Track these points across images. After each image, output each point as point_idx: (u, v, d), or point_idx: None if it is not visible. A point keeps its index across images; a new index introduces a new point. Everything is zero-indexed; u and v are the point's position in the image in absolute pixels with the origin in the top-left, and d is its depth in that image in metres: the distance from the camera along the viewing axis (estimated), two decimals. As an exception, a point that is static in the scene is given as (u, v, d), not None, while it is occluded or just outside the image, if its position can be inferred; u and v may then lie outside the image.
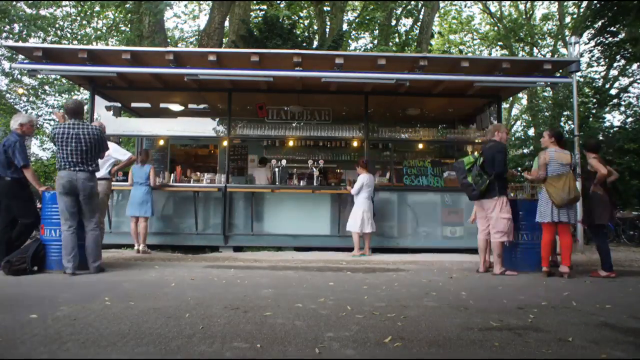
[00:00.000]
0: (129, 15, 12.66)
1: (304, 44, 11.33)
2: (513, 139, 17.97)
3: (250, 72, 6.48)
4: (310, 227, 7.11)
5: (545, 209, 4.70)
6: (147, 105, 8.61)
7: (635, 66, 15.25)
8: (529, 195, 8.39)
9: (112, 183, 5.96)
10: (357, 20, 19.32)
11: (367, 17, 17.87)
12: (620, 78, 16.59)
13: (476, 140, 7.74)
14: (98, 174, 4.77)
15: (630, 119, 13.81)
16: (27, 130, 4.80)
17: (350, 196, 6.96)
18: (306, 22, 18.05)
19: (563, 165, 4.67)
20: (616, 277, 4.69)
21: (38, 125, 19.12)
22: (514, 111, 25.61)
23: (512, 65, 6.61)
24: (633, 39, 12.23)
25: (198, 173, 7.51)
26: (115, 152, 5.37)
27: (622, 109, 14.49)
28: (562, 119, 14.95)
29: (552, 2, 21.03)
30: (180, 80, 6.81)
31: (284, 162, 7.65)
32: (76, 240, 4.32)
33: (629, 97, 15.28)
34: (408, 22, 19.92)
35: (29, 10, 15.60)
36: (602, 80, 15.71)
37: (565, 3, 19.31)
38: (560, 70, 7.67)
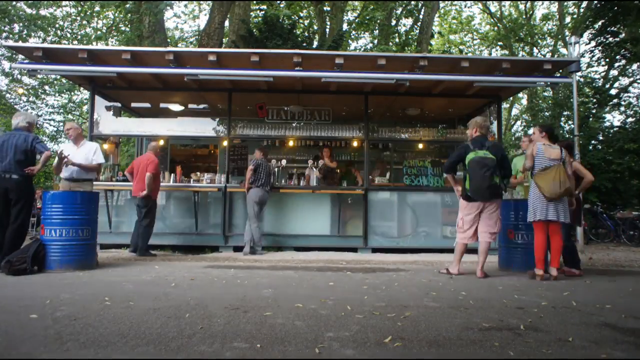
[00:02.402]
0: (129, 15, 12.66)
1: (304, 44, 11.32)
2: (513, 138, 17.98)
3: (250, 72, 6.48)
4: (310, 227, 7.12)
5: (536, 206, 4.53)
6: (147, 105, 8.61)
7: (635, 66, 15.25)
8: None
9: (113, 183, 6.08)
10: (357, 20, 19.31)
11: (367, 17, 17.87)
12: (620, 78, 16.59)
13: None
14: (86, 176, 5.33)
15: (630, 119, 13.82)
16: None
17: (348, 196, 6.98)
18: (306, 22, 18.05)
19: (552, 160, 4.51)
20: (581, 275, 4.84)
21: (38, 126, 19.12)
22: (514, 111, 25.63)
23: (512, 65, 6.61)
24: (633, 39, 12.22)
25: (198, 173, 7.52)
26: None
27: (622, 109, 14.49)
28: (562, 119, 14.95)
29: (552, 2, 21.05)
30: (180, 80, 6.81)
31: (284, 162, 7.65)
32: None
33: (629, 97, 15.29)
34: (408, 22, 19.93)
35: (29, 10, 15.62)
36: (602, 80, 15.70)
37: (565, 3, 19.31)
38: (561, 70, 7.68)
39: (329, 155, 7.72)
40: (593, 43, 13.49)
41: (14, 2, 14.61)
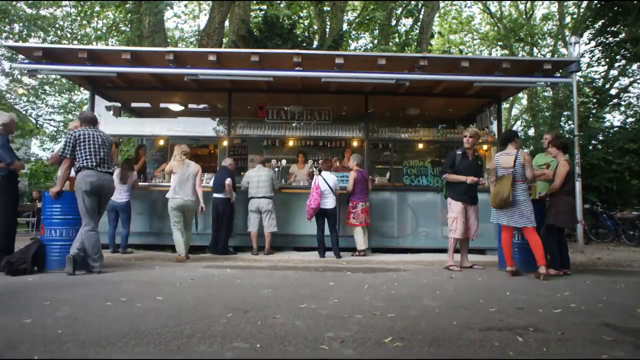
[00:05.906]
0: (129, 15, 12.65)
1: (304, 44, 11.31)
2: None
3: (250, 72, 6.48)
4: (311, 227, 7.10)
5: (493, 209, 5.01)
6: (147, 105, 8.61)
7: (635, 66, 15.23)
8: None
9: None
10: (357, 20, 19.30)
11: (367, 17, 17.84)
12: (620, 78, 16.57)
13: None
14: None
15: (630, 119, 13.82)
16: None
17: (346, 196, 6.97)
18: (306, 22, 18.03)
19: (505, 169, 4.84)
20: (565, 275, 4.80)
21: (38, 126, 19.12)
22: (514, 111, 25.60)
23: (512, 65, 6.61)
24: (633, 39, 12.22)
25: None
26: None
27: (622, 109, 14.50)
28: (562, 119, 14.95)
29: (552, 2, 21.04)
30: (180, 80, 6.81)
31: (284, 162, 7.65)
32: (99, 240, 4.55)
33: (629, 97, 15.29)
34: (408, 22, 19.89)
35: (29, 10, 15.62)
36: (602, 80, 15.70)
37: (565, 3, 19.31)
38: (561, 70, 7.67)
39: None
40: (593, 43, 13.49)
41: (14, 2, 14.61)
